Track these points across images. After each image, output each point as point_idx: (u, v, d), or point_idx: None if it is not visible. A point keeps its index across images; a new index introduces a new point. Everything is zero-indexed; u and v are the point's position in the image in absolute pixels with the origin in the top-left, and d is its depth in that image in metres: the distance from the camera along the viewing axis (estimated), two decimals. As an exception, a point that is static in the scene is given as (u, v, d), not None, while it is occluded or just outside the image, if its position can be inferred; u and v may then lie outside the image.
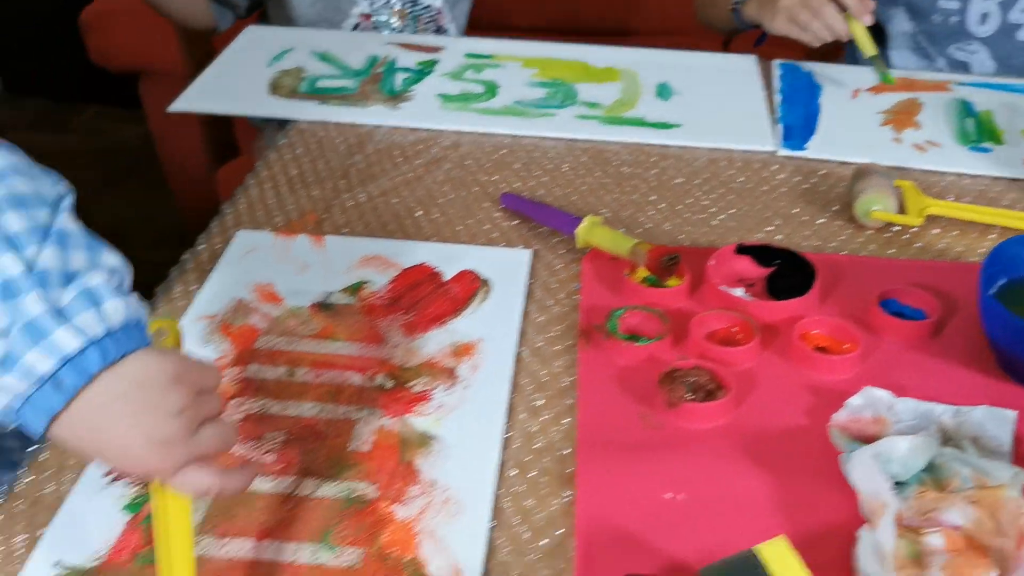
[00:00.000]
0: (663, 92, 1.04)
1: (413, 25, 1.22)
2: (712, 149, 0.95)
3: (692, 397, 0.63)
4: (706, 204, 0.87)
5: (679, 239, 0.81)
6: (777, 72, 1.09)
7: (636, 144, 0.96)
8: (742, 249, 0.76)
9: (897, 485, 0.55)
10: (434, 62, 1.09)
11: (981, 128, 0.98)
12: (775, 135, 0.97)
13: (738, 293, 0.73)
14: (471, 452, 0.60)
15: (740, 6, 1.12)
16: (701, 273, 0.74)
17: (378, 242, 0.80)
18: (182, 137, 1.69)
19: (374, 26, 1.20)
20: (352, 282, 0.74)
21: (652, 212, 0.85)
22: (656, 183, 0.90)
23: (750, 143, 0.95)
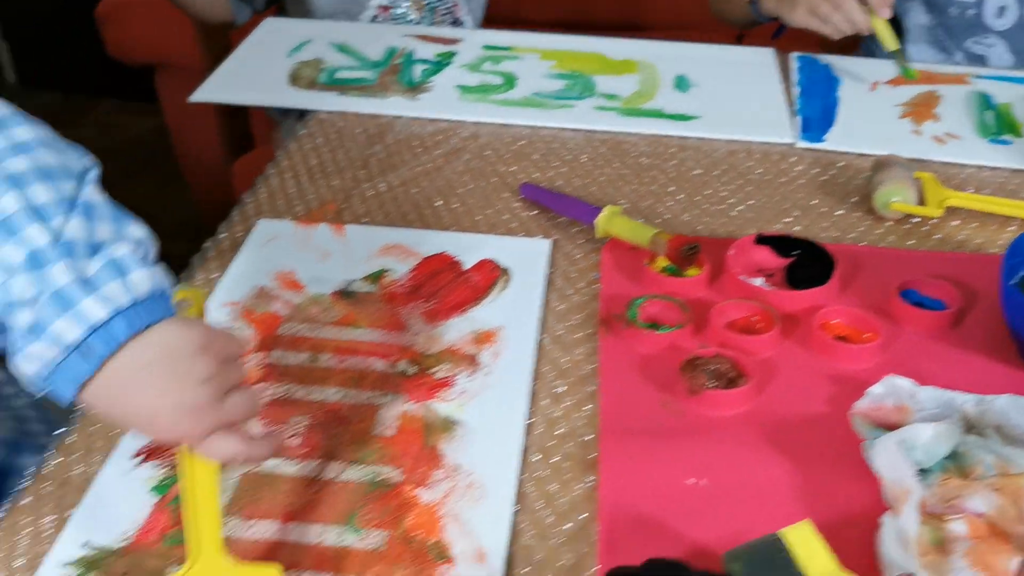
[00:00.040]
0: (681, 84, 1.04)
1: (430, 17, 1.22)
2: (730, 141, 0.95)
3: (713, 384, 0.63)
4: (724, 195, 0.87)
5: (698, 230, 0.82)
6: (795, 65, 1.09)
7: (654, 135, 0.96)
8: (761, 239, 0.76)
9: (920, 472, 0.55)
10: (452, 54, 1.09)
11: (1001, 121, 0.98)
12: (793, 127, 0.97)
13: (757, 283, 0.73)
14: (494, 437, 0.60)
15: None
16: (720, 263, 0.74)
17: (398, 231, 0.80)
18: (198, 130, 1.70)
19: (392, 18, 1.21)
20: (373, 270, 0.75)
21: (671, 203, 0.86)
22: (675, 174, 0.90)
23: (768, 135, 0.95)
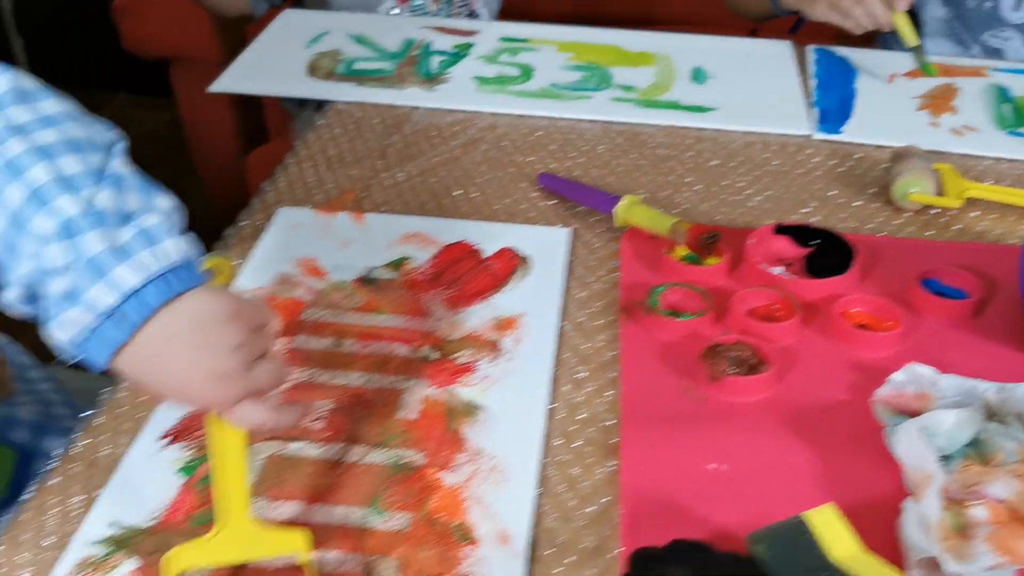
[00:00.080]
0: (698, 76, 1.04)
1: (447, 9, 1.22)
2: (747, 132, 0.95)
3: (734, 371, 0.63)
4: (742, 186, 0.87)
5: (716, 220, 0.82)
6: (812, 57, 1.09)
7: (671, 127, 0.96)
8: (781, 229, 0.76)
9: (942, 459, 0.55)
10: (469, 45, 1.10)
11: (1018, 113, 0.98)
12: (810, 119, 0.97)
13: (777, 272, 0.73)
14: (516, 422, 0.60)
15: None
16: (739, 252, 0.74)
17: (418, 220, 0.80)
18: (212, 123, 1.71)
19: (409, 10, 1.21)
20: (394, 258, 0.75)
21: (688, 193, 0.86)
22: (692, 165, 0.90)
23: (785, 127, 0.95)
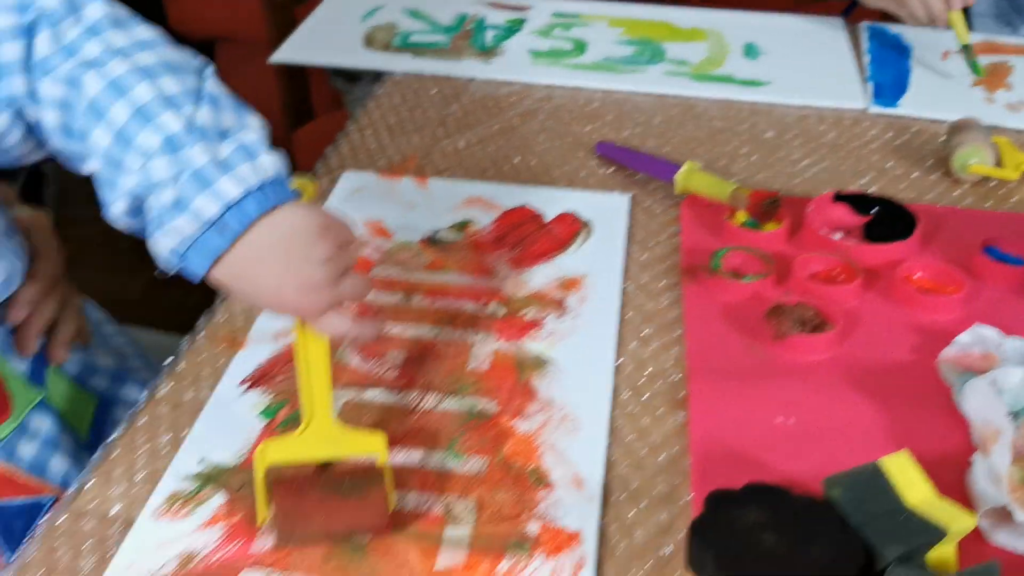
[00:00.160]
0: (750, 51, 1.05)
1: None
2: (802, 106, 0.96)
3: (799, 330, 0.64)
4: (797, 158, 0.88)
5: (774, 189, 0.82)
6: (865, 33, 1.09)
7: (726, 100, 0.97)
8: (839, 197, 0.77)
9: (1009, 415, 0.55)
10: (522, 20, 1.11)
11: (1075, 90, 0.97)
12: (865, 93, 0.97)
13: (837, 238, 0.74)
14: (585, 375, 0.62)
15: None
16: (799, 219, 0.75)
17: (479, 185, 0.82)
18: (259, 101, 1.70)
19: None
20: (457, 220, 0.77)
21: (745, 164, 0.87)
22: (748, 136, 0.91)
23: (840, 100, 0.96)
